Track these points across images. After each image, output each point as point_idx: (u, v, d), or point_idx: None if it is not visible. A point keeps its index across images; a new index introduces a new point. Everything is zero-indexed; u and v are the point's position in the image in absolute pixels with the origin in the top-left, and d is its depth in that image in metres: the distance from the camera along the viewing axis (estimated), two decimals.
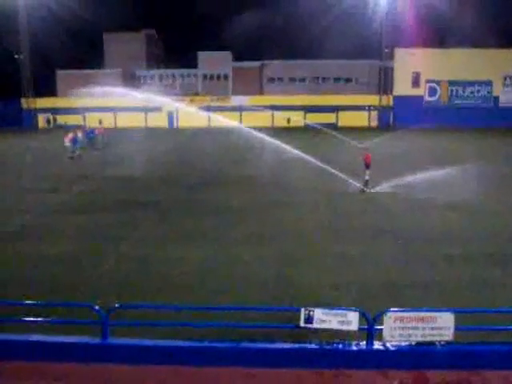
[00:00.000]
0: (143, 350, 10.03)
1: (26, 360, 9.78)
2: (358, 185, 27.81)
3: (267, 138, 30.06)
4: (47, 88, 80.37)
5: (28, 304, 11.53)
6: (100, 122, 73.75)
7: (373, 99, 74.12)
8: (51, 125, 74.17)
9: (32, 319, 10.84)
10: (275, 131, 45.60)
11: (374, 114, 73.38)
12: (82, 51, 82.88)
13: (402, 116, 69.32)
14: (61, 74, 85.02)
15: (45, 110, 76.89)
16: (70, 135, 44.29)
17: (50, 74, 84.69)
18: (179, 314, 11.93)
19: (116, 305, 10.66)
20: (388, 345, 10.09)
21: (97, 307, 10.07)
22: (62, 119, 73.79)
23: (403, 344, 10.12)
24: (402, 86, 71.63)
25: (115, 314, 10.62)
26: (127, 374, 9.84)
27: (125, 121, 73.18)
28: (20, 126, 75.12)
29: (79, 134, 46.89)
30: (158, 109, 72.40)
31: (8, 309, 11.72)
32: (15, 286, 14.66)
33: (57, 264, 16.90)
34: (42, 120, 77.09)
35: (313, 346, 10.12)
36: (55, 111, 75.61)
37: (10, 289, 14.39)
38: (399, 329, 10.04)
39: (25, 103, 76.94)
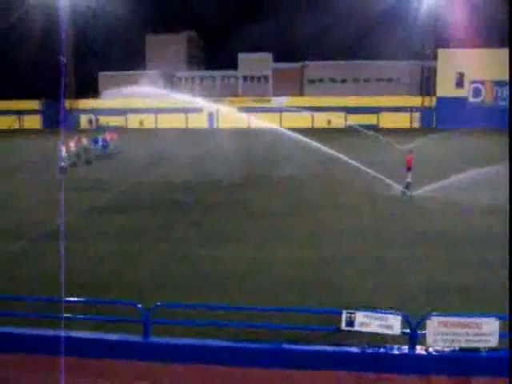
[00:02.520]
0: (184, 348, 10.08)
1: (70, 356, 9.91)
2: (400, 187, 27.45)
3: (307, 140, 29.93)
4: (90, 89, 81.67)
5: (70, 301, 11.70)
6: (141, 123, 74.75)
7: (415, 100, 73.11)
8: (93, 126, 75.25)
9: (75, 316, 11.00)
10: (315, 133, 45.45)
11: (416, 115, 72.34)
12: (124, 53, 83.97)
13: (444, 117, 68.15)
14: (103, 75, 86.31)
15: (87, 111, 78.05)
16: (71, 143, 38.98)
17: (93, 76, 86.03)
18: (219, 313, 11.95)
19: (157, 304, 10.71)
20: (431, 350, 9.91)
21: (139, 306, 10.16)
22: (104, 120, 74.79)
23: (446, 350, 9.93)
24: (445, 87, 70.41)
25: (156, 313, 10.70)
26: (167, 371, 9.91)
27: (166, 122, 73.85)
28: (63, 126, 76.32)
29: (84, 141, 41.84)
30: (198, 110, 72.81)
31: (51, 306, 11.91)
32: (57, 284, 14.89)
33: (98, 263, 17.16)
34: (84, 121, 78.28)
35: (353, 349, 10.01)
36: (97, 112, 76.68)
37: (51, 286, 14.64)
38: (442, 334, 9.86)
39: (68, 104, 78.28)
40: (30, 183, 32.44)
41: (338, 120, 67.94)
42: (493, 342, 9.77)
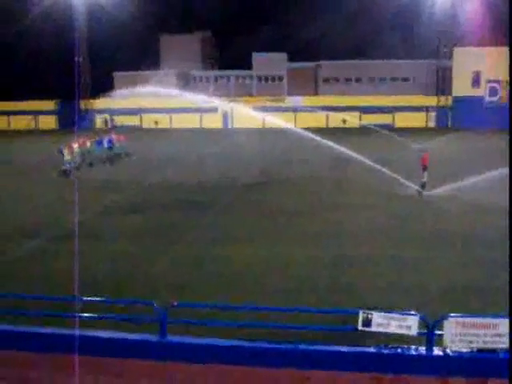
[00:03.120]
0: (200, 348, 10.09)
1: (87, 355, 9.97)
2: (415, 187, 27.32)
3: (322, 139, 29.88)
4: (105, 89, 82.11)
5: (86, 301, 11.76)
6: (156, 123, 75.04)
7: (431, 100, 72.63)
8: (109, 125, 75.61)
9: (91, 315, 11.06)
10: (330, 132, 45.34)
11: (432, 114, 71.88)
12: (139, 53, 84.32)
13: (461, 117, 67.62)
14: (118, 75, 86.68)
15: (102, 111, 78.37)
16: (74, 145, 36.92)
17: (108, 76, 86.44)
18: (235, 313, 11.95)
19: (174, 303, 10.72)
20: (448, 351, 9.83)
21: (156, 305, 10.19)
22: (118, 120, 75.17)
23: (464, 350, 9.85)
24: (461, 86, 69.83)
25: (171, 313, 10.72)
26: (184, 371, 9.92)
27: (180, 121, 74.02)
28: (78, 126, 76.76)
29: (88, 144, 39.84)
30: (213, 110, 72.93)
31: (66, 305, 11.98)
32: (72, 283, 14.99)
33: (113, 263, 17.24)
34: (99, 121, 78.64)
35: (371, 349, 9.96)
36: (112, 112, 77.00)
37: (67, 286, 14.74)
38: (460, 335, 9.78)
39: (83, 104, 78.74)
40: (37, 184, 32.52)
41: (353, 119, 67.65)
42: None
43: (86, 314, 10.91)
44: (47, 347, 10.27)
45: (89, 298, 11.62)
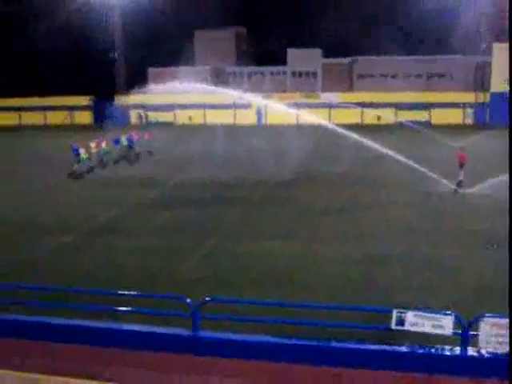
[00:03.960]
0: (232, 344, 10.08)
1: (119, 348, 10.05)
2: (452, 185, 26.91)
3: (356, 136, 29.63)
4: (139, 85, 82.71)
5: (119, 295, 11.86)
6: (190, 119, 75.45)
7: (468, 96, 71.44)
8: (143, 121, 76.19)
9: (126, 309, 11.16)
10: (365, 128, 44.95)
11: (470, 111, 70.69)
12: (173, 49, 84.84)
13: (499, 114, 66.30)
14: (152, 71, 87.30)
15: (136, 107, 78.90)
16: (92, 145, 35.99)
17: (143, 72, 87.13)
18: (267, 309, 11.94)
19: (206, 298, 10.74)
20: (483, 352, 9.64)
21: (188, 300, 10.21)
22: (153, 116, 75.72)
23: (500, 352, 9.64)
24: (500, 83, 68.59)
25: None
26: (216, 366, 9.93)
27: (214, 117, 74.18)
28: (113, 122, 77.45)
29: (102, 144, 37.63)
30: (246, 106, 72.94)
31: (99, 298, 12.11)
32: (105, 277, 15.20)
33: (146, 258, 17.39)
34: (134, 116, 79.21)
35: (404, 348, 9.83)
36: (146, 108, 77.56)
37: (100, 280, 14.93)
38: (496, 336, 9.59)
39: (118, 100, 79.43)
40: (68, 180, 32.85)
41: (388, 116, 67.01)
42: None
43: (119, 308, 11.01)
44: (81, 339, 10.38)
45: (121, 292, 11.72)
